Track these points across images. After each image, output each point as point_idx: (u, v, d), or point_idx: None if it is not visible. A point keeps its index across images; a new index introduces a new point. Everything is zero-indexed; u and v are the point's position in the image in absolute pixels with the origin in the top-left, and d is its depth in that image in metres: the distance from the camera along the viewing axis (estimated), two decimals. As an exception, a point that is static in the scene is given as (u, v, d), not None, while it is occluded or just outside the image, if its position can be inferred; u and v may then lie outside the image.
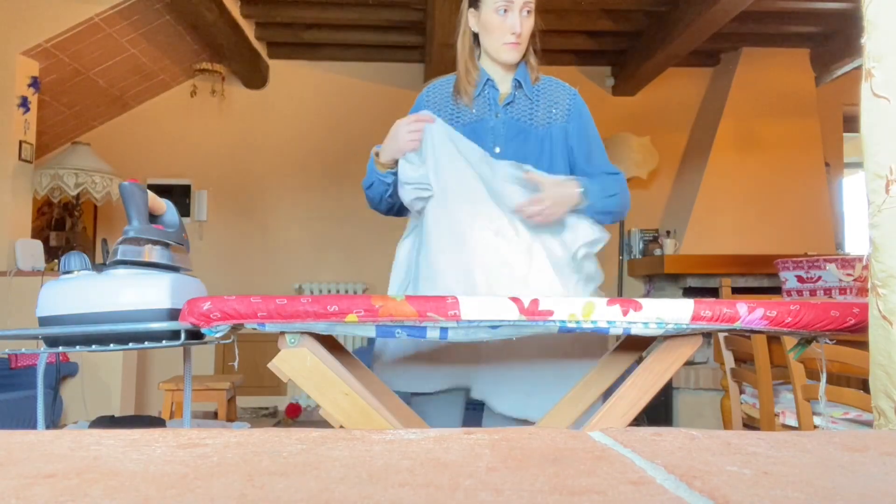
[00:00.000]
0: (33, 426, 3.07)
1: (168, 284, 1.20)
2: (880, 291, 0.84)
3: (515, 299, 1.11)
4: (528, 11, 1.67)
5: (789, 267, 2.77)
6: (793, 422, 2.36)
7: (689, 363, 4.34)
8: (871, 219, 0.86)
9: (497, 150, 1.73)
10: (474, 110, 1.76)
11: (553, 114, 1.77)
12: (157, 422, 3.14)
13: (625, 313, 1.11)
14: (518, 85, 1.76)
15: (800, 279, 2.72)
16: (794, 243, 4.65)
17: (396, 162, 1.65)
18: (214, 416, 4.03)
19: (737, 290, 3.62)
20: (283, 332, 1.17)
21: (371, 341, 2.88)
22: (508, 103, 1.76)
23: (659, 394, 1.23)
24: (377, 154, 1.70)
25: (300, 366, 1.18)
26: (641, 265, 5.18)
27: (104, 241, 1.40)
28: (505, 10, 1.66)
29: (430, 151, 1.60)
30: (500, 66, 1.75)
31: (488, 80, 1.76)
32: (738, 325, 1.12)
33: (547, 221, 1.57)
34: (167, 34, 4.64)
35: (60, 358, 3.39)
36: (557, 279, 1.52)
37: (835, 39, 4.91)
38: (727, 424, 2.81)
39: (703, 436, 0.58)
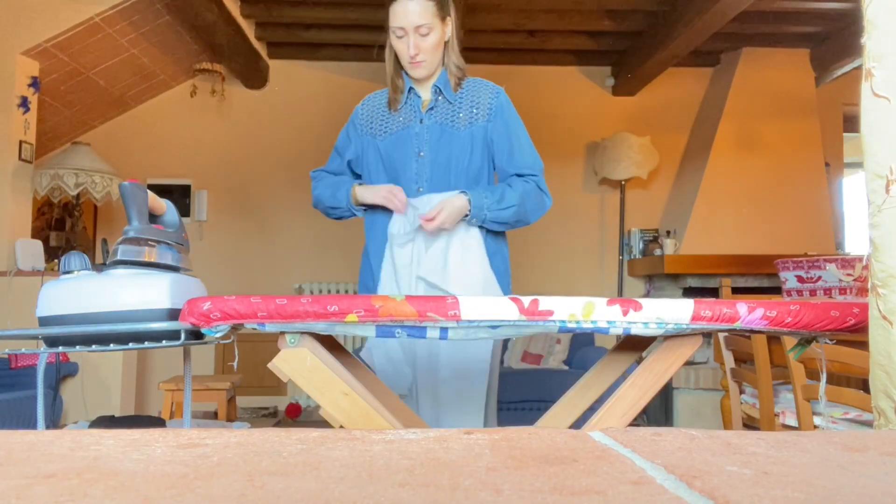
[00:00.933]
0: (33, 426, 3.07)
1: (168, 284, 1.20)
2: (880, 291, 0.84)
3: (515, 299, 1.11)
4: (424, 34, 1.81)
5: (789, 267, 2.77)
6: (793, 422, 2.36)
7: (689, 363, 4.34)
8: (871, 219, 0.86)
9: (421, 154, 1.88)
10: (401, 118, 1.92)
11: (474, 113, 1.88)
12: (157, 422, 3.14)
13: (625, 313, 1.11)
14: (438, 91, 1.89)
15: (800, 279, 2.72)
16: (794, 243, 4.65)
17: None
18: (214, 416, 4.03)
19: (737, 290, 3.62)
20: (283, 332, 1.17)
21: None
22: (430, 108, 1.90)
23: (659, 394, 1.23)
24: (355, 190, 1.90)
25: (300, 366, 1.18)
26: (641, 265, 5.19)
27: (104, 241, 1.40)
28: (399, 36, 1.83)
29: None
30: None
31: (411, 88, 1.91)
32: (738, 325, 1.12)
33: (443, 227, 1.75)
34: (167, 34, 4.64)
35: (60, 358, 3.39)
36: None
37: (835, 39, 4.90)
38: (727, 424, 2.81)
39: (703, 436, 0.58)
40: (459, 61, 1.91)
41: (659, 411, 4.63)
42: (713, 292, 4.68)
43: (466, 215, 1.77)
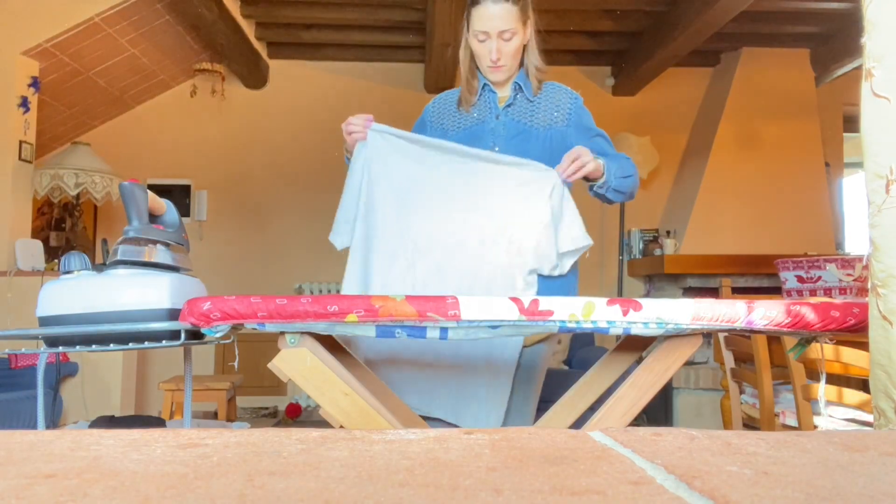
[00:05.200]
0: (33, 426, 3.07)
1: (168, 284, 1.20)
2: (880, 291, 0.84)
3: (515, 299, 1.11)
4: (507, 38, 1.76)
5: (789, 267, 2.77)
6: (793, 422, 2.36)
7: (689, 363, 4.34)
8: (871, 219, 0.86)
9: (496, 149, 1.80)
10: (475, 114, 1.85)
11: (554, 117, 1.83)
12: (157, 422, 3.14)
13: (625, 313, 1.11)
14: (518, 88, 1.84)
15: (800, 279, 2.72)
16: (794, 243, 4.65)
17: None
18: (214, 416, 4.03)
19: (737, 290, 3.62)
20: (283, 332, 1.17)
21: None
22: (508, 105, 1.84)
23: (659, 394, 1.23)
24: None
25: (300, 366, 1.18)
26: (641, 265, 5.18)
27: (104, 241, 1.40)
28: (482, 40, 1.77)
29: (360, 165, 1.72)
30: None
31: (485, 84, 1.85)
32: (738, 325, 1.12)
33: (583, 170, 1.65)
34: (167, 34, 4.64)
35: (60, 358, 3.39)
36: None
37: (835, 39, 4.90)
38: (727, 424, 2.81)
39: (703, 436, 0.58)
40: (540, 63, 1.86)
41: (659, 411, 4.63)
42: (713, 292, 4.68)
43: (590, 180, 1.72)
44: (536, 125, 1.83)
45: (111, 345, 1.19)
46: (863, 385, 2.15)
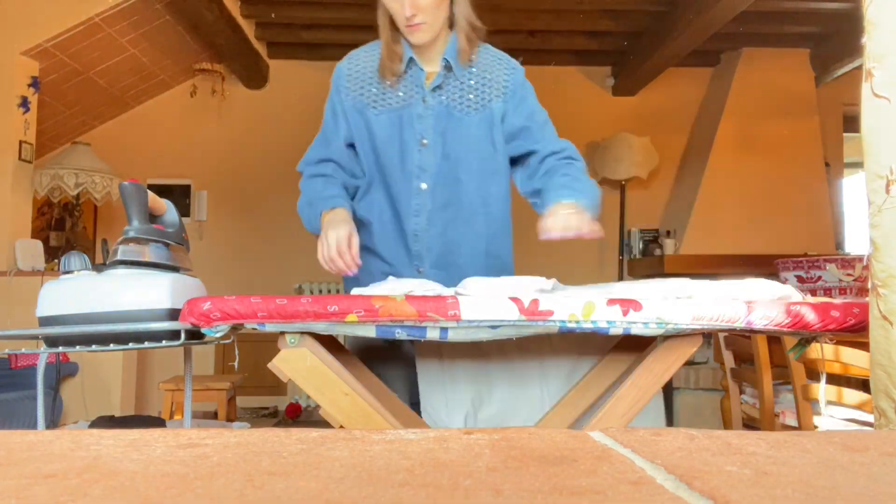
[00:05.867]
0: (33, 426, 3.07)
1: (168, 284, 1.20)
2: (880, 291, 0.84)
3: (515, 299, 1.11)
4: None
5: (789, 267, 2.77)
6: (793, 422, 2.36)
7: (689, 363, 4.33)
8: (872, 219, 0.86)
9: (424, 142, 1.56)
10: (400, 93, 1.56)
11: (487, 93, 1.57)
12: (157, 422, 3.14)
13: (625, 313, 1.11)
14: (447, 65, 1.56)
15: (800, 279, 2.72)
16: (794, 243, 4.65)
17: None
18: (214, 416, 4.03)
19: (737, 290, 3.60)
20: (283, 332, 1.17)
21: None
22: (437, 87, 1.56)
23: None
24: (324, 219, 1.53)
25: (300, 366, 1.18)
26: (641, 265, 5.18)
27: (104, 241, 1.40)
28: None
29: None
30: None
31: (411, 58, 1.56)
32: (738, 325, 1.12)
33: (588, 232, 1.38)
34: (167, 34, 4.64)
35: (60, 358, 3.39)
36: None
37: (835, 39, 4.90)
38: (727, 424, 2.81)
39: (703, 436, 0.58)
40: (473, 17, 1.56)
41: (659, 411, 4.62)
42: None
43: None
44: (469, 110, 1.56)
45: (111, 345, 1.19)
46: (863, 385, 2.15)
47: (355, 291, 1.20)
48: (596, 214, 1.47)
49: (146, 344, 1.19)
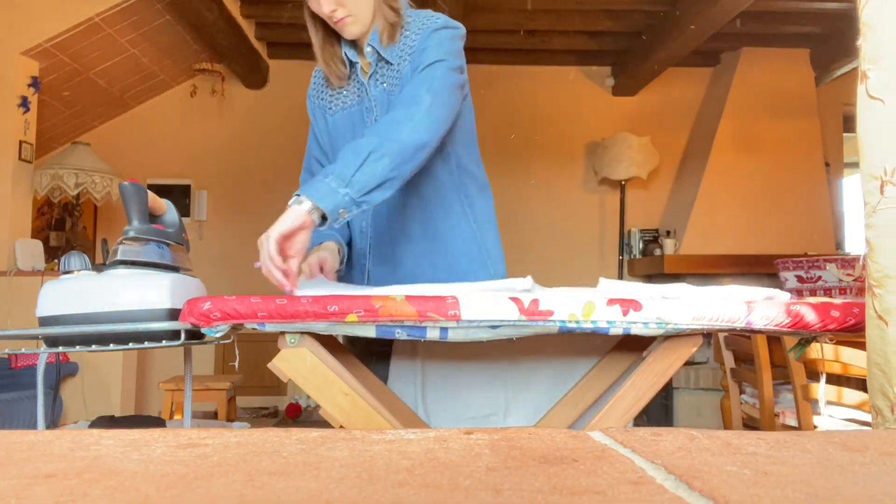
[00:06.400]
0: (33, 426, 3.07)
1: (168, 284, 1.20)
2: (876, 291, 0.84)
3: (515, 299, 1.11)
4: None
5: (789, 267, 2.77)
6: (793, 422, 2.36)
7: (689, 363, 4.34)
8: (867, 219, 0.86)
9: None
10: (351, 91, 1.54)
11: (404, 64, 1.47)
12: (157, 422, 3.14)
13: (625, 313, 1.11)
14: (374, 51, 1.49)
15: (800, 279, 2.72)
16: (794, 243, 4.65)
17: None
18: (214, 416, 4.03)
19: (737, 290, 3.60)
20: (283, 332, 1.17)
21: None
22: (373, 74, 1.50)
23: (659, 394, 1.22)
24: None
25: (300, 366, 1.18)
26: (641, 265, 5.19)
27: (104, 241, 1.40)
28: None
29: None
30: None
31: (345, 53, 1.51)
32: (738, 325, 1.12)
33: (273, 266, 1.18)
34: (167, 34, 4.64)
35: (60, 358, 3.39)
36: None
37: (835, 39, 4.91)
38: (727, 424, 2.82)
39: (703, 436, 0.58)
40: (389, 11, 1.45)
41: (659, 411, 4.63)
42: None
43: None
44: (396, 88, 1.47)
45: (111, 345, 1.19)
46: (862, 385, 2.15)
47: (305, 290, 1.19)
48: (342, 206, 1.21)
49: (146, 344, 1.19)
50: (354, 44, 1.50)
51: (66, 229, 5.06)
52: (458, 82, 1.43)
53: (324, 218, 1.22)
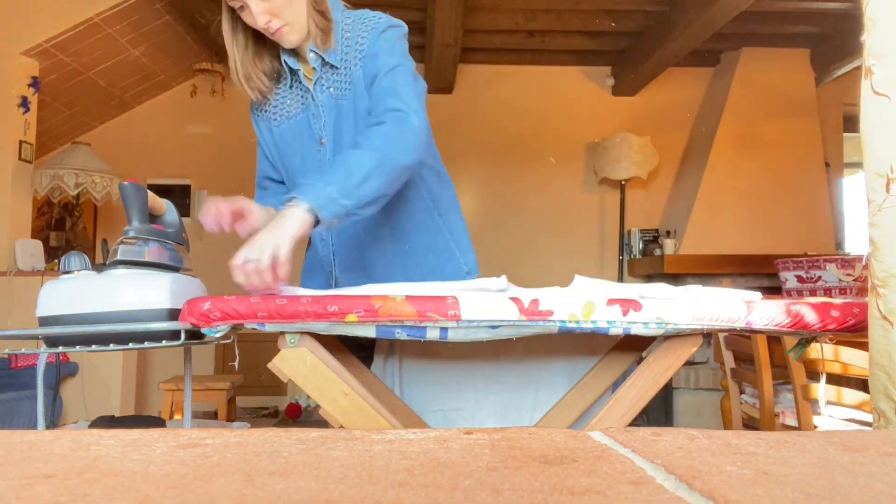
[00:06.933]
0: (33, 426, 3.07)
1: (168, 284, 1.20)
2: (880, 291, 0.84)
3: (515, 299, 1.11)
4: None
5: (789, 267, 2.77)
6: (793, 422, 2.36)
7: (689, 363, 4.34)
8: (871, 218, 0.86)
9: (324, 141, 1.47)
10: (294, 98, 1.50)
11: (351, 67, 1.44)
12: (157, 422, 3.14)
13: (625, 313, 1.11)
14: (316, 55, 1.46)
15: (800, 279, 2.72)
16: (794, 243, 4.65)
17: None
18: (214, 416, 4.03)
19: (737, 290, 3.60)
20: (283, 332, 1.17)
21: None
22: (317, 81, 1.47)
23: (659, 394, 1.22)
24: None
25: (300, 366, 1.18)
26: (641, 265, 5.19)
27: (104, 241, 1.40)
28: (241, 8, 1.38)
29: None
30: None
31: (285, 61, 1.47)
32: (738, 325, 1.12)
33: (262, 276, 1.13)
34: (167, 34, 4.64)
35: (60, 358, 3.39)
36: None
37: (835, 39, 4.91)
38: (727, 424, 2.82)
39: (703, 436, 0.58)
40: (318, 17, 1.41)
41: (659, 411, 4.63)
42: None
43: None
44: (346, 93, 1.44)
45: (111, 345, 1.19)
46: (862, 385, 2.15)
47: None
48: (337, 214, 1.22)
49: (146, 344, 1.19)
50: (293, 51, 1.47)
51: (66, 229, 5.06)
52: (424, 89, 1.43)
53: (313, 224, 1.22)
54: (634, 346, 1.43)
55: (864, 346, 0.90)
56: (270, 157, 1.61)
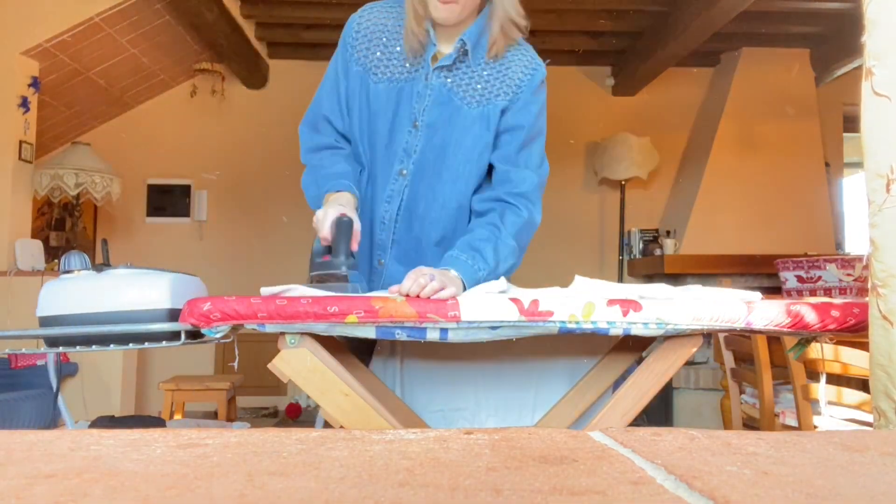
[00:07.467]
0: (33, 426, 3.07)
1: (168, 284, 1.20)
2: (880, 291, 0.84)
3: (515, 300, 1.11)
4: None
5: (789, 267, 2.77)
6: (793, 422, 2.36)
7: (689, 363, 4.34)
8: (872, 218, 0.86)
9: (417, 123, 1.43)
10: (407, 64, 1.43)
11: (496, 88, 1.43)
12: (157, 422, 3.14)
13: (625, 314, 1.11)
14: (463, 49, 1.42)
15: (800, 279, 2.72)
16: (794, 243, 4.65)
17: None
18: (214, 416, 4.03)
19: (737, 290, 3.60)
20: (283, 333, 1.17)
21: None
22: (444, 66, 1.42)
23: (659, 394, 1.23)
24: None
25: (300, 366, 1.18)
26: (641, 265, 5.18)
27: (104, 241, 1.40)
28: None
29: None
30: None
31: (427, 31, 1.41)
32: (738, 325, 1.12)
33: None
34: (167, 34, 4.64)
35: (60, 358, 3.39)
36: None
37: (835, 39, 4.90)
38: (727, 424, 2.82)
39: (703, 436, 0.58)
40: (514, 13, 1.39)
41: (659, 411, 4.63)
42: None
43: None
44: (471, 100, 1.42)
45: (111, 345, 1.19)
46: (862, 385, 2.15)
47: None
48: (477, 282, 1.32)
49: (146, 344, 1.19)
50: (436, 29, 1.42)
51: (66, 229, 5.06)
52: (546, 175, 1.54)
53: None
54: (634, 346, 1.43)
55: (864, 346, 0.90)
56: (344, 104, 1.50)
